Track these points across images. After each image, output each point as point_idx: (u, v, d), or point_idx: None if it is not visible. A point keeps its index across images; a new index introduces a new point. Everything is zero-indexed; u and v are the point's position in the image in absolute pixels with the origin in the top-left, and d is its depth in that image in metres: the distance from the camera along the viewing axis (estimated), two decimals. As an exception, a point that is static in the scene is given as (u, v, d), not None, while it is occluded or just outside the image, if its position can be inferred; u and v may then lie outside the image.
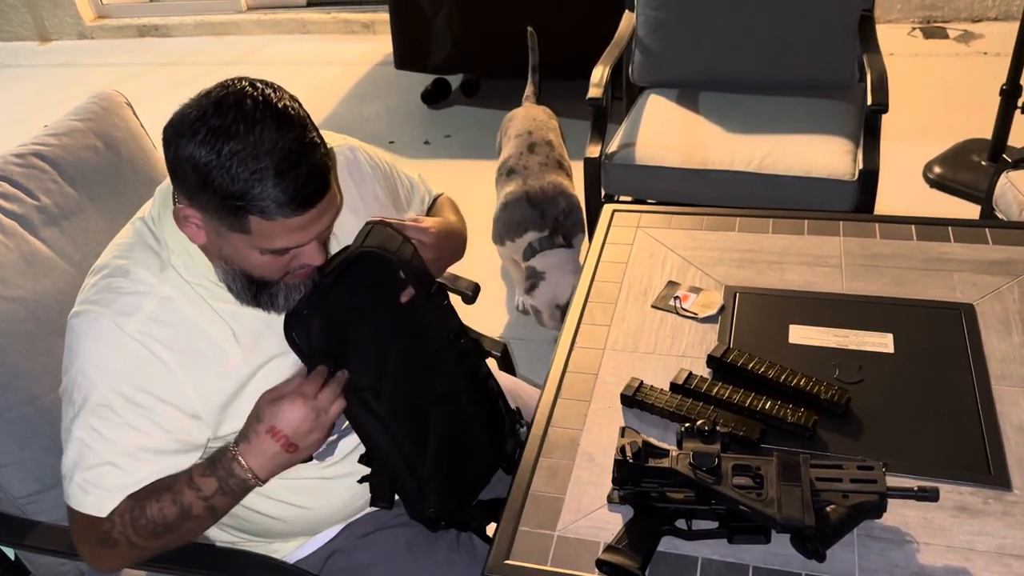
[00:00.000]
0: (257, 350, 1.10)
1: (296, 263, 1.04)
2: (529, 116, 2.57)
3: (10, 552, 1.35)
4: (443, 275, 1.60)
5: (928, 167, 2.96)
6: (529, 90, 2.81)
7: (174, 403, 1.05)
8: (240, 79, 0.96)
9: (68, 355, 1.06)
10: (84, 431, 1.04)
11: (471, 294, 1.60)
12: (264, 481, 1.07)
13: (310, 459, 1.12)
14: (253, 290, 1.05)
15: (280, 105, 0.94)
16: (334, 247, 1.16)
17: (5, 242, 1.27)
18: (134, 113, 1.56)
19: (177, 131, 0.94)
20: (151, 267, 1.06)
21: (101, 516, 1.06)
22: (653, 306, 1.40)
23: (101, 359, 1.03)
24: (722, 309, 1.37)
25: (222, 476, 1.05)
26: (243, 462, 1.04)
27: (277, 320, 1.09)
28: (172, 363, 1.04)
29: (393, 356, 1.14)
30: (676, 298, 1.40)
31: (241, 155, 0.91)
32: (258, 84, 0.96)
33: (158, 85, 4.38)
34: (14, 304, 1.23)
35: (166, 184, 1.08)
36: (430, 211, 1.44)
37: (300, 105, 0.98)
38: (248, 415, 1.07)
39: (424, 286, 1.16)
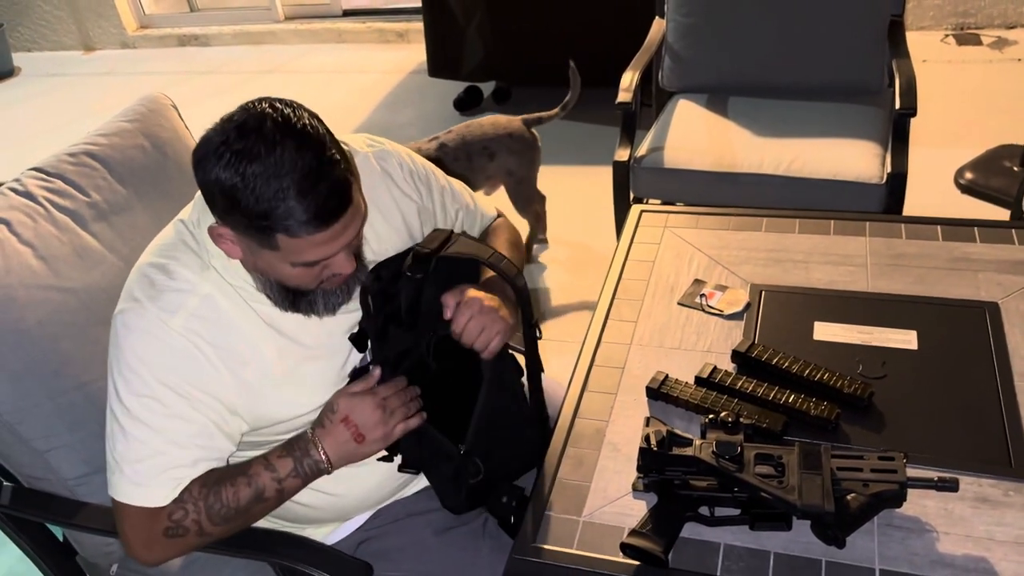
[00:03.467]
0: (293, 351, 1.14)
1: (327, 272, 1.07)
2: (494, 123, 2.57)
3: (59, 532, 1.41)
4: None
5: (959, 172, 2.95)
6: (540, 115, 2.64)
7: (217, 396, 1.09)
8: (261, 100, 0.99)
9: (114, 352, 1.09)
10: (132, 424, 1.08)
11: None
12: (334, 468, 1.14)
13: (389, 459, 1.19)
14: (291, 298, 1.10)
15: (299, 125, 0.97)
16: (368, 254, 1.19)
17: (59, 236, 1.33)
18: (179, 115, 1.62)
19: (203, 155, 0.97)
20: (192, 266, 1.10)
21: (160, 506, 1.09)
22: (679, 303, 1.43)
23: (147, 353, 1.07)
24: (747, 306, 1.40)
25: (298, 457, 1.12)
26: (319, 445, 1.12)
27: (313, 322, 1.14)
28: (214, 358, 1.08)
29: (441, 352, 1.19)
30: (702, 295, 1.43)
31: (263, 176, 0.94)
32: (278, 104, 0.98)
33: (198, 92, 4.49)
34: (66, 294, 1.29)
35: None
36: (485, 236, 1.43)
37: (320, 122, 1.01)
38: (322, 408, 1.15)
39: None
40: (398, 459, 1.20)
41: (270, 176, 0.94)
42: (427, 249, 1.16)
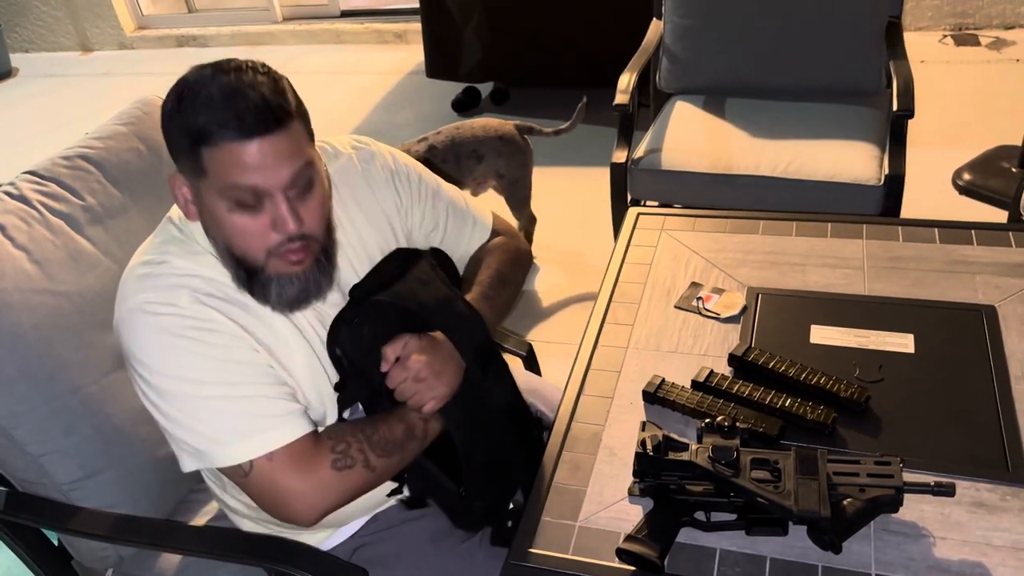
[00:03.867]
0: (303, 325, 1.13)
1: (274, 235, 1.02)
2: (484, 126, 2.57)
3: (53, 537, 1.40)
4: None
5: (957, 174, 2.94)
6: (532, 126, 2.62)
7: (250, 345, 1.07)
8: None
9: (131, 353, 1.06)
10: (199, 393, 1.04)
11: (524, 354, 1.60)
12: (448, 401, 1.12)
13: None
14: (243, 276, 1.06)
15: (256, 64, 1.01)
16: (350, 254, 1.18)
17: (53, 240, 1.33)
18: (175, 118, 1.62)
19: (162, 113, 1.02)
20: (185, 256, 1.09)
21: (307, 435, 1.06)
22: (676, 306, 1.43)
23: (164, 337, 1.04)
24: (744, 310, 1.39)
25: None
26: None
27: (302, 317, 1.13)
28: (227, 322, 1.06)
29: None
30: (699, 299, 1.43)
31: (196, 94, 0.97)
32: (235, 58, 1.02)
33: (195, 94, 4.48)
34: (61, 298, 1.29)
35: None
36: (478, 257, 1.37)
37: (270, 71, 1.02)
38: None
39: (480, 360, 1.18)
40: (406, 490, 1.22)
41: (204, 88, 0.97)
42: (362, 290, 1.13)
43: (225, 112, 0.96)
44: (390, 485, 1.24)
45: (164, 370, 1.04)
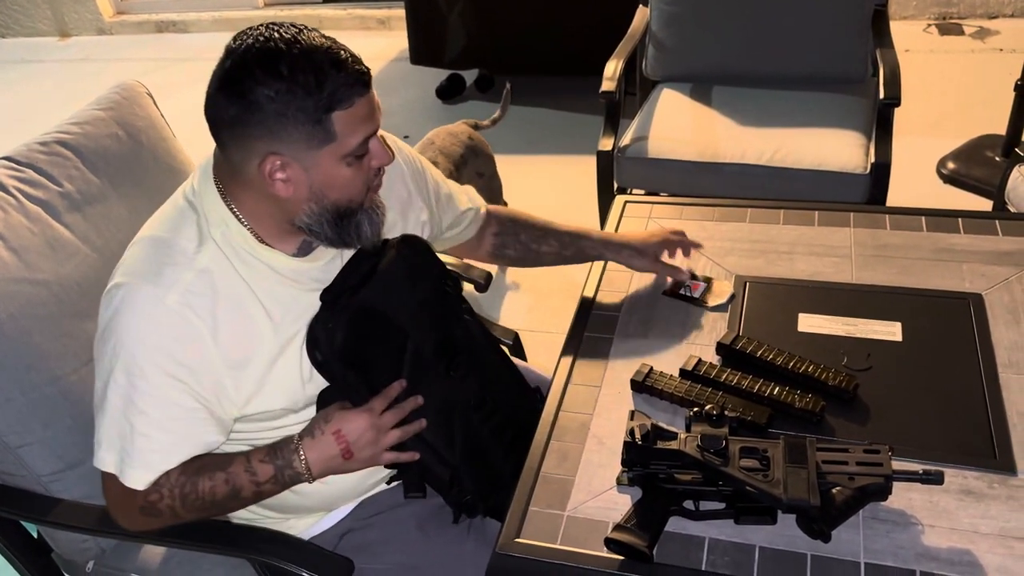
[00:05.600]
0: (286, 325, 1.12)
1: (372, 170, 1.09)
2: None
3: (33, 529, 1.38)
4: (457, 265, 1.63)
5: (942, 162, 2.96)
6: (478, 122, 2.65)
7: (207, 375, 1.07)
8: (247, 28, 1.01)
9: (107, 325, 1.06)
10: (118, 401, 1.06)
11: (483, 282, 1.62)
12: (314, 479, 1.13)
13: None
14: (339, 226, 1.08)
15: (297, 24, 1.02)
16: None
17: (30, 227, 1.30)
18: (154, 103, 1.59)
19: (230, 84, 0.99)
20: (191, 238, 1.08)
21: (139, 489, 1.09)
22: (664, 294, 1.42)
23: (141, 331, 1.04)
24: (732, 298, 1.39)
25: (280, 466, 1.11)
26: (303, 456, 1.11)
27: (306, 298, 1.12)
28: (206, 334, 1.06)
29: (411, 354, 1.17)
30: (686, 287, 1.42)
31: (299, 66, 0.97)
32: (264, 23, 1.02)
33: (176, 80, 4.43)
34: (38, 287, 1.26)
35: (206, 160, 1.12)
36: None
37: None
38: (315, 415, 1.14)
39: (442, 355, 1.20)
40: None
41: (305, 62, 0.98)
42: (332, 295, 1.12)
43: (344, 74, 0.99)
44: (389, 472, 1.25)
45: (119, 361, 1.05)
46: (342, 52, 1.01)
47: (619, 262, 1.46)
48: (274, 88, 0.97)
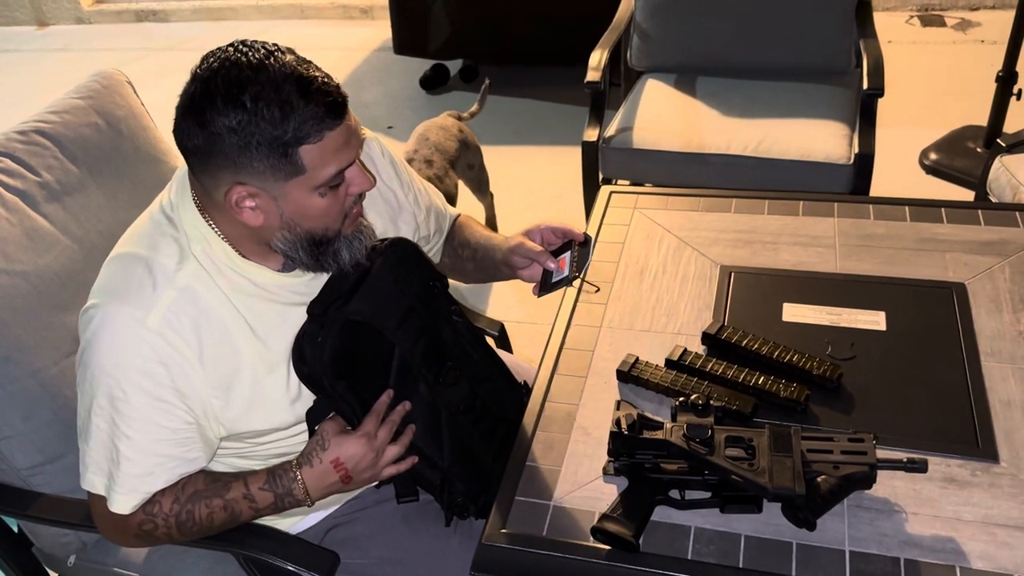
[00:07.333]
0: (272, 344, 1.09)
1: (350, 198, 1.05)
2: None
3: (13, 524, 1.37)
4: None
5: (924, 153, 2.97)
6: (461, 113, 2.68)
7: (191, 396, 1.05)
8: (215, 49, 0.97)
9: (86, 349, 1.03)
10: (102, 424, 1.04)
11: (496, 335, 1.59)
12: (313, 504, 1.13)
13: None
14: (315, 253, 1.05)
15: (270, 45, 0.98)
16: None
17: (8, 217, 1.28)
18: (135, 92, 1.57)
19: (194, 114, 0.94)
20: (171, 255, 1.04)
21: (124, 514, 1.08)
22: (536, 295, 1.28)
23: (122, 355, 1.01)
24: (590, 241, 1.26)
25: (280, 494, 1.10)
26: (303, 485, 1.10)
27: (292, 314, 1.09)
28: (190, 356, 1.03)
29: (397, 361, 1.15)
30: (554, 273, 1.27)
31: (264, 96, 0.93)
32: (234, 42, 0.98)
33: (156, 70, 4.38)
34: (16, 279, 1.24)
35: (182, 170, 1.08)
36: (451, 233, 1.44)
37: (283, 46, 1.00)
38: (310, 440, 1.12)
39: (431, 363, 1.18)
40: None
41: (271, 92, 0.93)
42: (320, 307, 1.09)
43: (314, 107, 0.94)
44: None
45: (99, 386, 1.03)
46: (315, 80, 0.95)
47: (506, 273, 1.35)
48: (235, 119, 0.93)
